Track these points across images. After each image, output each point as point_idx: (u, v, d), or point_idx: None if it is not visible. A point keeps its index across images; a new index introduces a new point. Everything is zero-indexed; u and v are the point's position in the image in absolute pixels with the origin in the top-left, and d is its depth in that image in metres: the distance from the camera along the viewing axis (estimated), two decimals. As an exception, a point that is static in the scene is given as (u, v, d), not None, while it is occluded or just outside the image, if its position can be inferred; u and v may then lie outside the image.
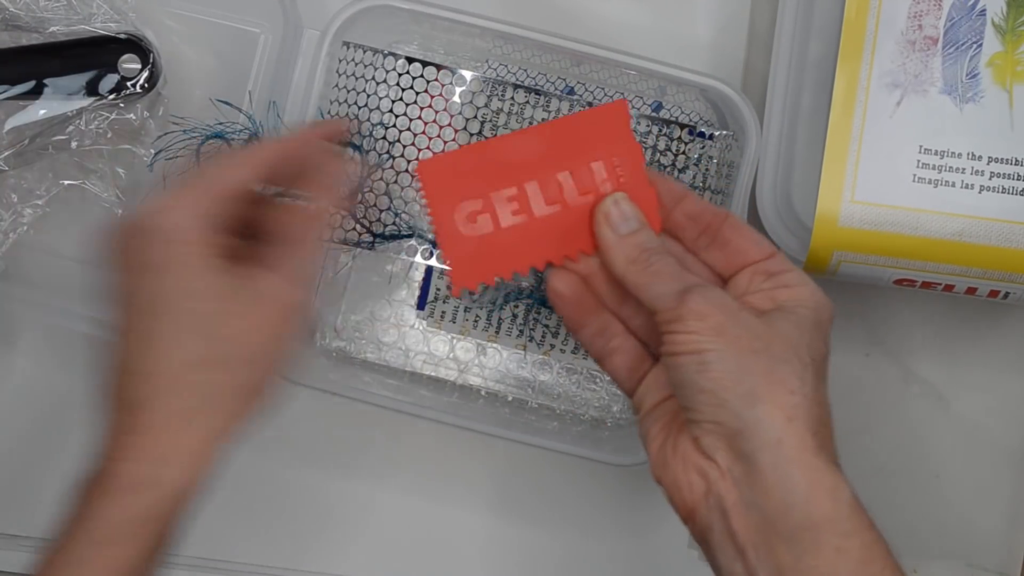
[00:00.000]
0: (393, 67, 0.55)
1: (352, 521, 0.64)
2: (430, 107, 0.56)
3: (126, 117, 0.59)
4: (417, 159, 0.55)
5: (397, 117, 0.56)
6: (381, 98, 0.56)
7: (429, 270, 0.62)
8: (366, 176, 0.55)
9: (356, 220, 0.55)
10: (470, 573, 0.64)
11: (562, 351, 0.61)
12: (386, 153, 0.56)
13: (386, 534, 0.64)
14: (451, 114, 0.56)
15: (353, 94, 0.56)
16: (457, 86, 0.56)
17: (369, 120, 0.56)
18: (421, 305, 0.62)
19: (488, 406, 0.61)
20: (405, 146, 0.56)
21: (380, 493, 0.64)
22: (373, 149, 0.56)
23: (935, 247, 0.54)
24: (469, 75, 0.56)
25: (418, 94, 0.55)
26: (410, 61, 0.55)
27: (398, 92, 0.56)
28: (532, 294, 0.58)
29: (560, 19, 0.64)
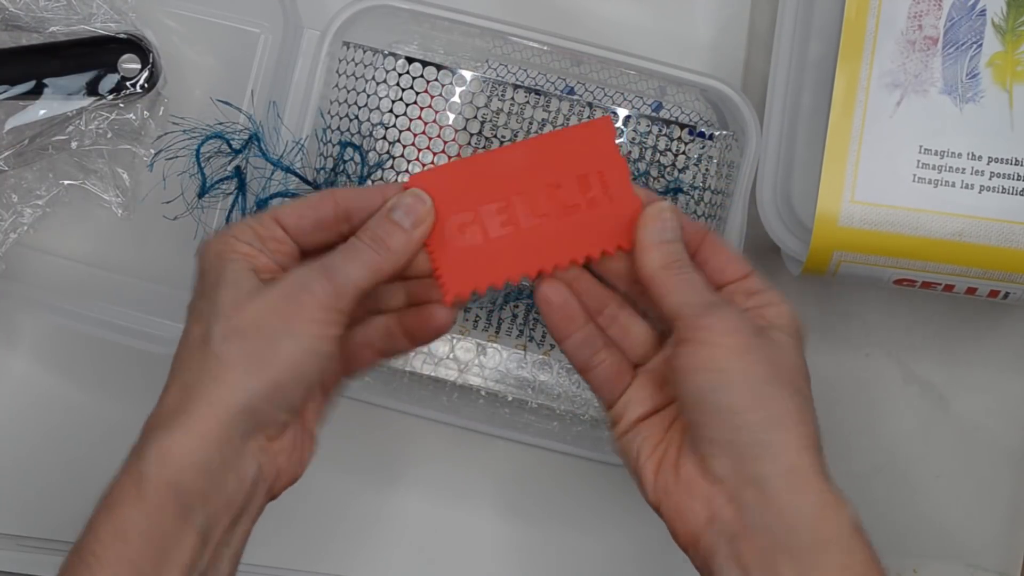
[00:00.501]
0: (393, 67, 0.56)
1: (351, 521, 0.64)
2: (430, 107, 0.56)
3: (126, 117, 0.59)
4: (417, 159, 0.56)
5: (397, 117, 0.56)
6: (381, 98, 0.56)
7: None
8: (366, 176, 0.55)
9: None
10: (470, 572, 0.64)
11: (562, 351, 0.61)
12: (386, 153, 0.56)
13: (385, 534, 0.64)
14: (451, 114, 0.56)
15: (353, 94, 0.56)
16: (457, 86, 0.56)
17: (369, 120, 0.56)
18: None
19: (488, 406, 0.61)
20: (405, 146, 0.56)
21: (379, 493, 0.64)
22: (373, 149, 0.56)
23: (935, 247, 0.54)
24: (469, 75, 0.56)
25: (418, 94, 0.56)
26: (410, 61, 0.56)
27: (398, 92, 0.56)
28: (532, 294, 0.58)
29: (560, 19, 0.64)
